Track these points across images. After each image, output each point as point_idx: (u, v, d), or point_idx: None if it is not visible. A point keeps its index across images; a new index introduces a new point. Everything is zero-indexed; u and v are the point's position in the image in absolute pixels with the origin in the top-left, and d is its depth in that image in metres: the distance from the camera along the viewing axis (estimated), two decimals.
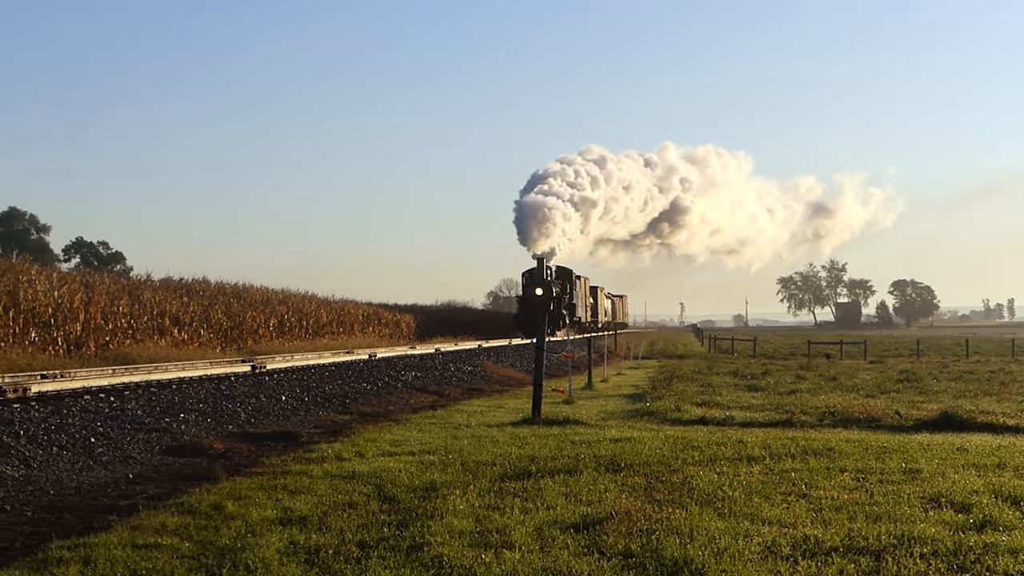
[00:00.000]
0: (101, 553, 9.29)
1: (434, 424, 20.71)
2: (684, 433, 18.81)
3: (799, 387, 31.71)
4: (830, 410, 22.95)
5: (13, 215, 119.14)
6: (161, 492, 12.76)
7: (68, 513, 11.48)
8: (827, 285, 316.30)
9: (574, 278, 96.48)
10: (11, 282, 37.24)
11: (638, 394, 29.88)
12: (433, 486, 12.66)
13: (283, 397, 22.99)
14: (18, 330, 35.57)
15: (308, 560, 9.07)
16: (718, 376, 38.68)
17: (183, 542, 9.79)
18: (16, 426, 15.49)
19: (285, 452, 16.27)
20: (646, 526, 10.17)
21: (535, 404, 21.93)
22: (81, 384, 20.75)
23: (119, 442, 15.97)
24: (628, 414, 23.45)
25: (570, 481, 13.05)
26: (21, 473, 13.42)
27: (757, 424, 21.10)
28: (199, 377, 24.59)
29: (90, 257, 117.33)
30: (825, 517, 10.79)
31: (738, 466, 14.36)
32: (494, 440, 17.71)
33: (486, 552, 9.23)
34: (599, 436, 18.26)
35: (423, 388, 29.86)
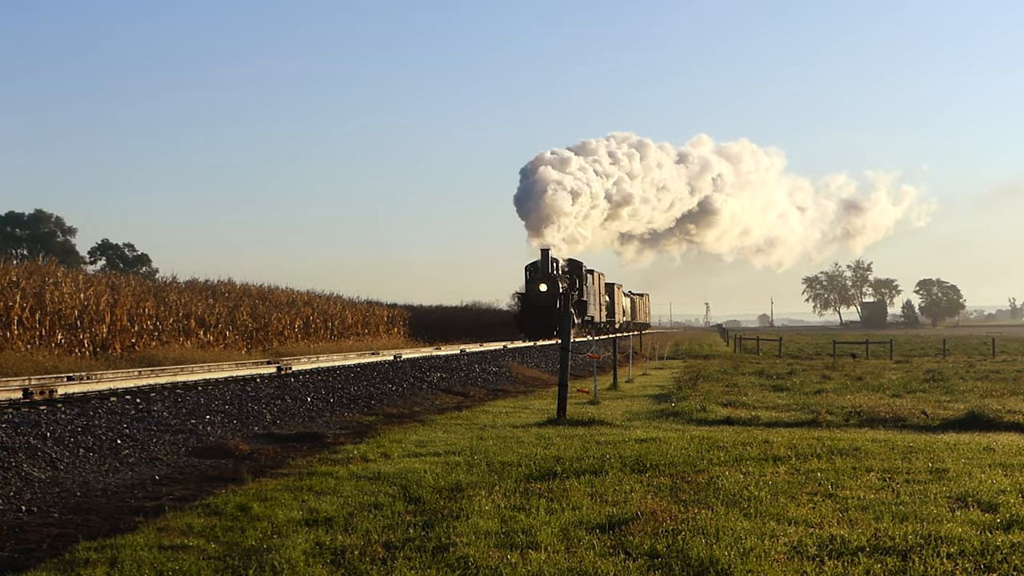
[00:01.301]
0: (128, 554, 9.32)
1: (459, 425, 20.71)
2: (710, 433, 18.77)
3: (825, 387, 31.61)
4: (856, 410, 22.89)
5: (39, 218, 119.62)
6: (187, 493, 12.79)
7: (95, 514, 11.51)
8: (852, 285, 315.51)
9: (585, 272, 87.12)
10: (37, 284, 37.36)
11: (663, 394, 29.84)
12: (459, 487, 12.66)
13: (308, 398, 23.02)
14: (44, 332, 35.70)
15: (334, 561, 9.08)
16: (744, 376, 38.60)
17: (209, 543, 9.81)
18: (43, 428, 15.53)
19: (311, 453, 16.29)
20: (672, 526, 10.15)
21: (560, 405, 21.90)
22: (107, 386, 20.81)
23: (145, 444, 16.01)
24: (653, 414, 23.43)
25: (596, 481, 13.04)
26: (48, 475, 13.46)
27: (783, 424, 21.06)
28: (225, 379, 24.64)
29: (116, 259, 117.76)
30: (851, 517, 10.76)
31: (764, 466, 14.33)
32: (519, 441, 17.70)
33: (512, 553, 9.23)
34: (625, 436, 18.24)
35: (448, 389, 29.86)
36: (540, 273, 76.82)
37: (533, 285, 76.67)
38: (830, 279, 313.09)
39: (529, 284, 77.28)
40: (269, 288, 62.95)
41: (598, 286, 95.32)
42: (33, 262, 42.90)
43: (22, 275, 37.85)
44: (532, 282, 77.00)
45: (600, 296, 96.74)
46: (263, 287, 62.43)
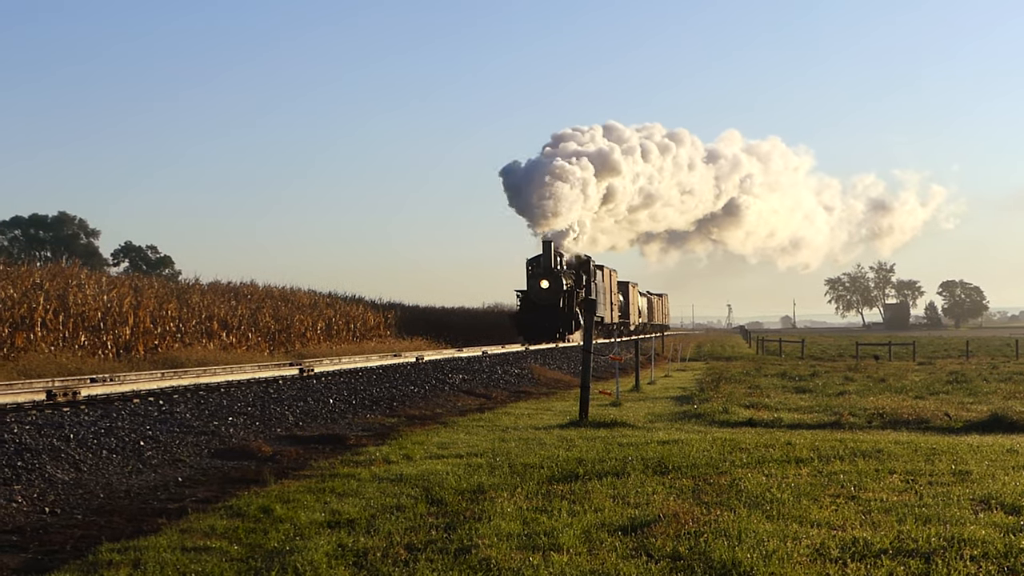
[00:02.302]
0: (151, 556, 9.34)
1: (481, 427, 20.73)
2: (732, 435, 18.76)
3: (847, 389, 31.56)
4: (879, 412, 22.85)
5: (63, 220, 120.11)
6: (210, 495, 12.81)
7: (118, 516, 11.54)
8: (875, 286, 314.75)
9: (593, 268, 79.24)
10: (61, 286, 37.46)
11: (685, 396, 29.83)
12: (481, 489, 12.66)
13: (331, 400, 23.04)
14: (68, 334, 35.79)
15: (356, 563, 9.09)
16: (766, 378, 38.55)
17: (232, 545, 9.83)
18: (66, 430, 15.57)
19: (333, 455, 16.31)
20: (694, 528, 10.14)
21: (582, 406, 21.89)
22: (130, 388, 20.85)
23: (168, 445, 16.04)
24: (675, 416, 23.42)
25: (618, 483, 13.04)
26: (71, 476, 13.49)
27: (805, 426, 21.03)
28: (247, 380, 24.68)
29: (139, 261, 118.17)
30: (874, 519, 10.74)
31: (786, 468, 14.31)
32: (541, 442, 17.71)
33: (534, 555, 9.23)
34: (647, 438, 18.23)
35: (470, 391, 29.86)
36: (542, 268, 70.14)
37: (533, 282, 70.11)
38: (853, 280, 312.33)
39: (529, 280, 70.62)
40: (291, 290, 63.03)
41: (609, 284, 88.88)
42: (56, 264, 43.03)
43: (46, 277, 37.98)
44: (532, 278, 70.41)
45: (611, 295, 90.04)
46: (285, 289, 62.52)
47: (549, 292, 68.91)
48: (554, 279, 69.12)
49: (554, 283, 69.08)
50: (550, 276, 69.24)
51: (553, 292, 68.94)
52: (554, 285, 69.03)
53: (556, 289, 68.99)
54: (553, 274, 69.35)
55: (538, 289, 69.13)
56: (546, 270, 69.51)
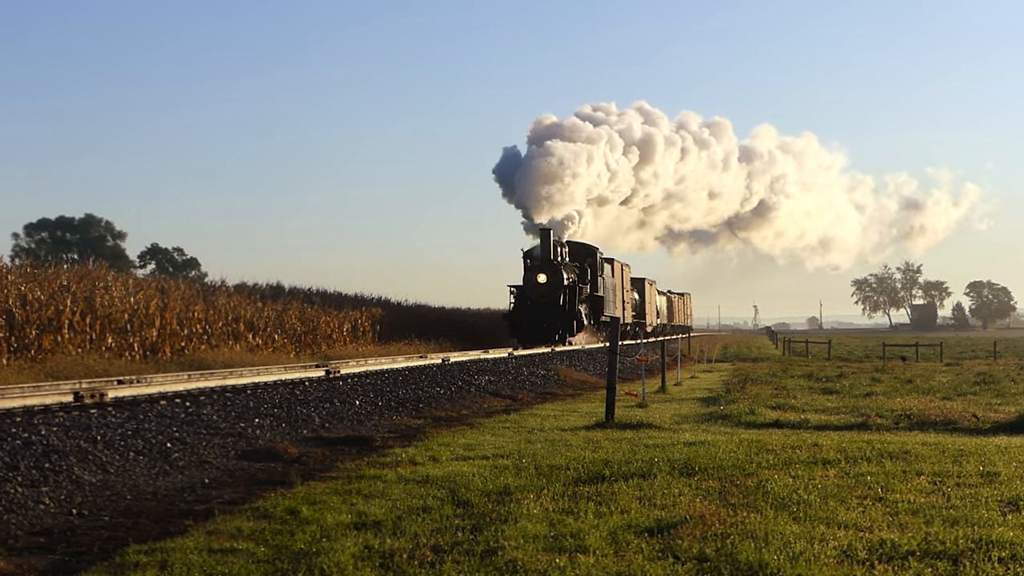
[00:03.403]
0: (178, 557, 9.36)
1: (507, 428, 20.72)
2: (758, 436, 18.73)
3: (874, 390, 31.51)
4: (906, 413, 22.79)
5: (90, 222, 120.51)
6: (237, 496, 12.83)
7: (145, 518, 11.57)
8: (902, 287, 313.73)
9: (601, 261, 70.84)
10: (88, 288, 37.57)
11: (712, 397, 29.79)
12: (507, 490, 12.65)
13: (357, 402, 23.06)
14: (95, 336, 35.90)
15: (383, 564, 9.09)
16: (792, 379, 38.51)
17: (259, 546, 9.85)
18: (93, 431, 15.61)
19: (359, 456, 16.32)
20: (721, 530, 10.13)
21: (608, 408, 21.87)
22: (157, 389, 20.89)
23: (195, 447, 16.07)
24: (702, 417, 23.39)
25: (644, 485, 13.02)
26: (98, 478, 13.53)
27: (832, 427, 20.99)
28: (274, 382, 24.71)
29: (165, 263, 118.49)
30: (901, 521, 10.71)
31: (813, 469, 14.27)
32: (568, 444, 17.70)
33: (560, 556, 9.22)
34: (673, 440, 18.21)
35: (496, 392, 29.86)
36: (539, 260, 61.51)
37: (530, 275, 61.48)
38: (879, 281, 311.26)
39: (525, 274, 62.17)
40: (317, 291, 63.10)
41: (621, 280, 79.76)
42: (83, 266, 43.15)
43: (73, 279, 38.08)
44: (529, 271, 61.82)
45: (623, 292, 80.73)
46: (311, 290, 62.59)
47: (547, 287, 60.93)
48: (553, 273, 60.97)
49: (553, 277, 60.94)
50: (549, 269, 60.91)
51: (552, 287, 60.97)
52: (553, 279, 60.94)
53: (556, 284, 60.96)
54: (552, 267, 61.05)
55: (535, 284, 61.00)
56: (544, 262, 61.10)
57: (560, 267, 61.52)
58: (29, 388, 20.95)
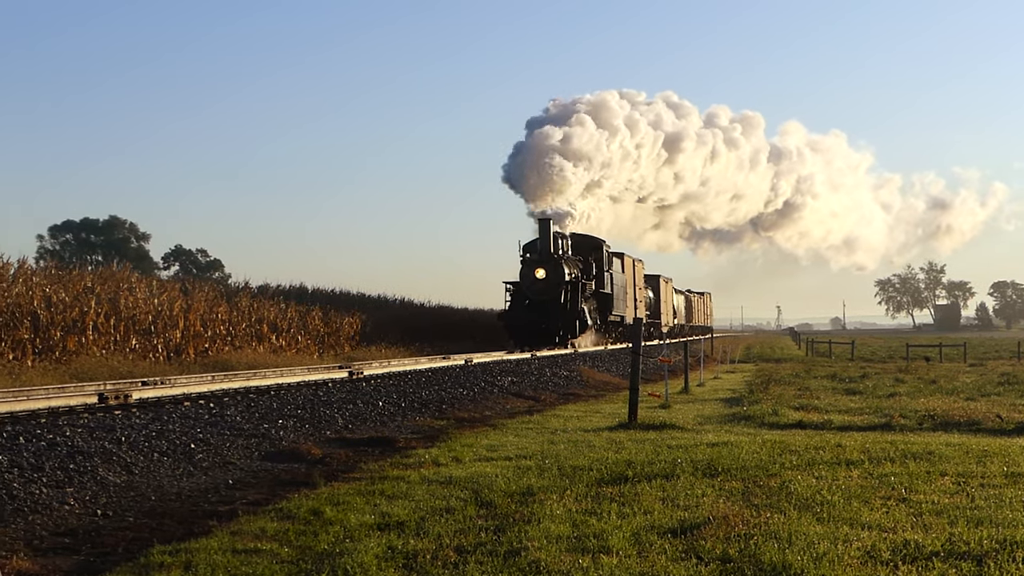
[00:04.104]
0: (202, 558, 9.39)
1: (530, 429, 20.73)
2: (782, 437, 18.70)
3: (898, 390, 31.42)
4: (930, 413, 22.73)
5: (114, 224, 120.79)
6: (260, 497, 12.87)
7: (169, 518, 11.61)
8: (925, 287, 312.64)
9: (608, 255, 63.74)
10: (112, 290, 37.70)
11: (735, 398, 29.74)
12: (530, 491, 12.67)
13: (380, 403, 23.09)
14: (119, 337, 36.01)
15: (406, 565, 9.11)
16: (816, 380, 38.41)
17: (282, 547, 9.87)
18: (118, 432, 15.66)
19: (382, 457, 16.34)
20: (744, 531, 10.12)
21: (631, 408, 21.86)
22: (181, 391, 20.95)
23: (219, 448, 16.11)
24: (725, 418, 23.35)
25: (667, 486, 13.02)
26: (123, 479, 13.57)
27: (856, 428, 20.94)
28: (297, 383, 24.75)
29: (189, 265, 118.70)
30: (925, 522, 10.69)
31: (837, 470, 14.26)
32: (591, 445, 17.70)
33: (583, 557, 9.23)
34: (696, 440, 18.20)
35: (519, 393, 29.87)
36: (538, 254, 55.64)
37: (528, 270, 55.40)
38: (903, 281, 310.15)
39: (522, 269, 55.97)
40: (341, 293, 63.24)
41: (632, 276, 73.15)
42: (107, 268, 43.31)
43: (97, 281, 38.22)
44: (526, 266, 55.68)
45: (634, 289, 73.91)
46: (334, 292, 62.73)
47: (546, 284, 54.97)
48: (553, 267, 55.00)
49: (553, 272, 54.94)
50: (548, 264, 54.98)
51: (552, 283, 54.96)
52: (553, 275, 54.93)
53: (556, 280, 54.92)
54: (552, 261, 55.08)
55: (532, 279, 55.01)
56: (544, 256, 55.18)
57: (561, 261, 55.42)
58: (54, 389, 21.06)
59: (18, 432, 14.73)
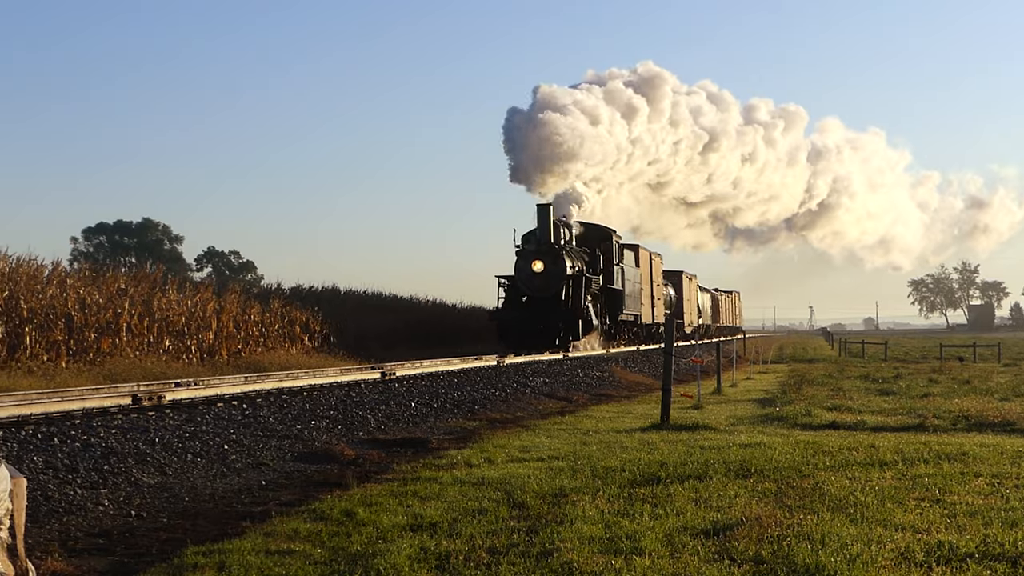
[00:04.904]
0: (235, 559, 9.41)
1: (563, 430, 20.71)
2: (815, 438, 18.64)
3: (931, 391, 31.26)
4: (964, 414, 22.62)
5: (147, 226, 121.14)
6: (293, 498, 12.90)
7: (202, 519, 11.65)
8: (959, 287, 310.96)
9: (618, 247, 56.56)
10: (145, 292, 37.84)
11: (768, 399, 29.65)
12: (562, 492, 12.66)
13: (412, 404, 23.12)
14: (152, 339, 36.14)
15: (439, 566, 9.12)
16: (849, 380, 38.28)
17: (315, 548, 9.89)
18: (151, 434, 15.73)
19: (415, 458, 16.36)
20: (777, 532, 10.10)
21: (664, 409, 21.82)
22: (214, 392, 21.00)
23: (252, 449, 16.16)
24: (758, 419, 23.29)
25: (700, 487, 13.00)
26: (157, 480, 13.63)
27: (889, 428, 20.86)
28: (329, 384, 24.79)
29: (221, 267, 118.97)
30: (959, 523, 10.64)
31: (870, 471, 14.21)
32: (623, 446, 17.67)
33: (616, 558, 9.22)
34: (729, 441, 18.16)
35: (551, 394, 29.87)
36: (536, 245, 48.76)
37: (524, 262, 48.58)
38: (936, 282, 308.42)
39: (518, 261, 48.99)
40: (373, 294, 63.30)
41: (648, 271, 66.03)
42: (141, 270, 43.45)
43: (131, 283, 38.36)
44: (522, 258, 48.81)
45: (651, 286, 66.97)
46: (367, 293, 62.80)
47: (545, 278, 48.39)
48: (553, 260, 48.33)
49: (553, 265, 48.33)
50: (548, 255, 48.29)
51: (552, 278, 48.43)
52: (553, 268, 48.36)
53: (556, 273, 48.39)
54: (552, 253, 48.42)
55: (529, 273, 48.44)
56: (543, 247, 48.45)
57: (562, 252, 48.75)
58: (88, 391, 21.13)
59: (52, 433, 14.80)
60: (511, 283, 49.76)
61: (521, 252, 48.96)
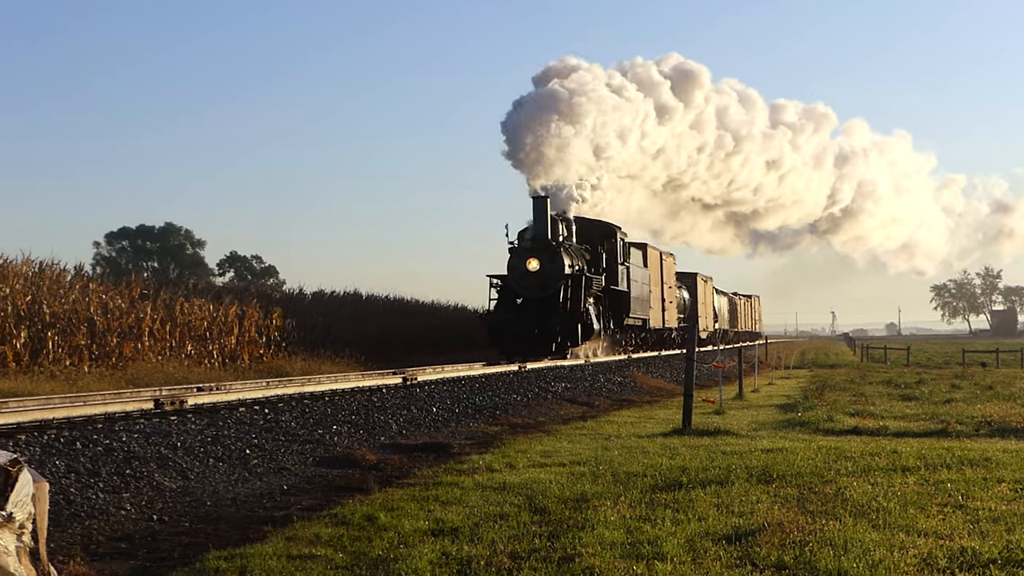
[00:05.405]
0: (257, 563, 9.43)
1: (584, 435, 20.69)
2: (837, 443, 18.60)
3: (954, 396, 31.17)
4: (986, 419, 22.56)
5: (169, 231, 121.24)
6: (315, 503, 12.91)
7: (224, 524, 11.66)
8: (982, 293, 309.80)
9: (623, 245, 52.14)
10: (167, 296, 37.95)
11: (789, 404, 29.60)
12: (584, 497, 12.65)
13: (434, 409, 23.11)
14: (174, 343, 36.24)
15: (460, 571, 9.12)
16: (871, 385, 38.21)
17: (337, 553, 9.89)
18: (173, 438, 15.75)
19: (436, 463, 16.36)
20: (799, 538, 10.07)
21: (685, 414, 21.80)
22: (236, 396, 21.04)
23: (273, 454, 16.18)
24: (779, 424, 23.25)
25: (721, 492, 12.97)
26: (179, 484, 13.65)
27: (912, 434, 20.80)
28: (351, 389, 24.80)
29: (244, 271, 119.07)
30: (982, 529, 10.61)
31: (892, 477, 14.17)
32: (644, 451, 17.65)
33: (637, 563, 9.21)
34: (750, 447, 18.12)
35: (573, 399, 29.84)
36: (530, 241, 44.56)
37: (517, 261, 44.28)
38: (959, 287, 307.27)
39: (512, 259, 44.67)
40: (395, 299, 63.32)
41: (659, 272, 61.83)
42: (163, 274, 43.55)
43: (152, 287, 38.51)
44: (516, 256, 44.48)
45: (662, 288, 62.54)
46: (388, 298, 62.81)
47: (541, 277, 43.99)
48: (550, 257, 43.92)
49: (550, 263, 43.89)
50: (544, 253, 43.92)
51: (548, 277, 43.98)
52: (550, 266, 43.90)
53: (553, 273, 43.96)
54: (549, 250, 44.03)
55: (523, 272, 44.05)
56: (538, 243, 44.18)
57: (560, 250, 44.38)
58: (110, 395, 21.20)
59: (75, 437, 14.83)
60: (504, 283, 45.17)
61: (515, 249, 44.67)
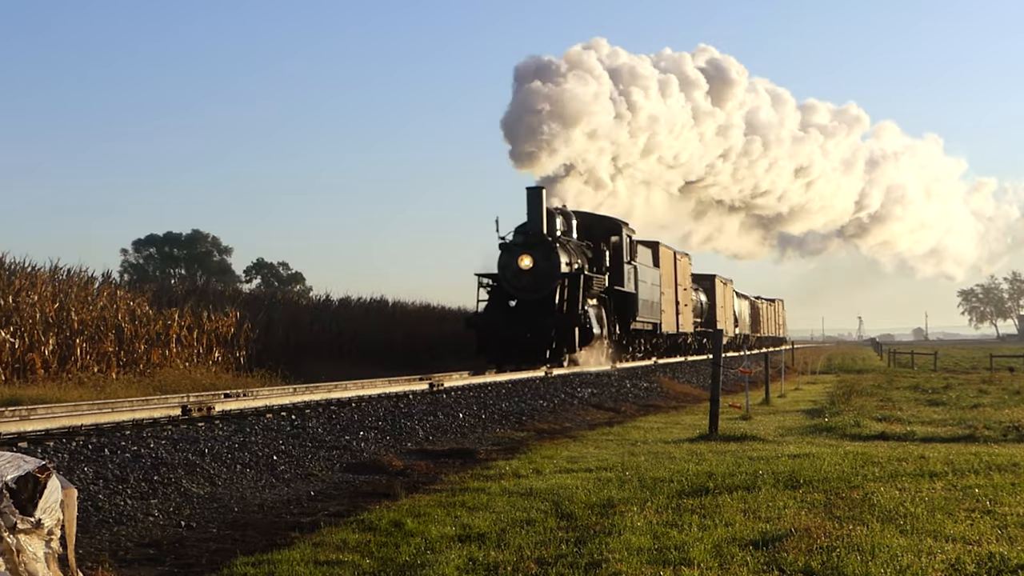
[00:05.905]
0: (284, 569, 9.45)
1: (611, 441, 20.68)
2: (864, 448, 18.55)
3: (982, 401, 31.04)
4: (1014, 424, 22.43)
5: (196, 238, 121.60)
6: (342, 509, 12.93)
7: (252, 530, 11.69)
8: (1009, 297, 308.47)
9: (630, 243, 47.19)
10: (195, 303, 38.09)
11: (816, 409, 29.50)
12: (610, 503, 12.65)
13: (460, 415, 23.12)
14: (202, 350, 36.36)
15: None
16: (898, 391, 38.09)
17: (364, 559, 9.91)
18: (201, 444, 15.79)
19: (463, 469, 16.37)
20: (826, 543, 10.06)
21: (712, 420, 21.75)
22: (263, 403, 21.08)
23: (300, 460, 16.21)
24: (806, 429, 23.19)
25: (748, 497, 12.96)
26: (206, 491, 13.69)
27: (939, 439, 20.72)
28: (378, 395, 24.84)
29: (270, 278, 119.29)
30: (1011, 534, 10.58)
31: (920, 482, 14.14)
32: (671, 456, 17.63)
33: (664, 569, 9.20)
34: (777, 452, 18.09)
35: (599, 405, 29.82)
36: (523, 236, 40.14)
37: (509, 258, 40.02)
38: (986, 292, 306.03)
39: (503, 256, 40.42)
40: (422, 305, 63.36)
41: (672, 273, 56.99)
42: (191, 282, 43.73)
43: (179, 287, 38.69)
44: (507, 252, 40.17)
45: (675, 290, 57.69)
46: (415, 304, 62.86)
47: (535, 276, 39.78)
48: (545, 254, 39.71)
49: (544, 260, 39.66)
50: (539, 249, 39.75)
51: (543, 276, 39.74)
52: (545, 264, 39.67)
53: (548, 271, 39.70)
54: (544, 246, 39.85)
55: (515, 271, 39.82)
56: (532, 238, 39.90)
57: (555, 246, 40.18)
58: (138, 402, 21.31)
59: (103, 444, 14.88)
60: (495, 282, 41.19)
61: (506, 245, 40.32)
